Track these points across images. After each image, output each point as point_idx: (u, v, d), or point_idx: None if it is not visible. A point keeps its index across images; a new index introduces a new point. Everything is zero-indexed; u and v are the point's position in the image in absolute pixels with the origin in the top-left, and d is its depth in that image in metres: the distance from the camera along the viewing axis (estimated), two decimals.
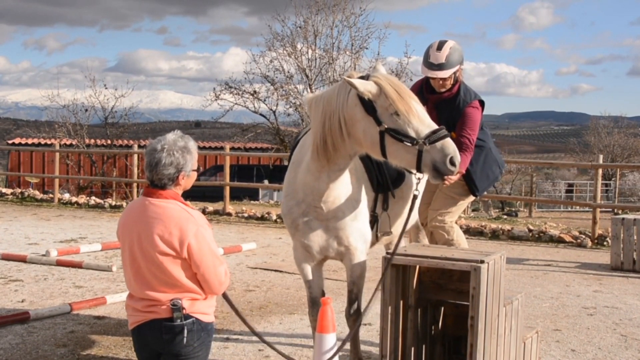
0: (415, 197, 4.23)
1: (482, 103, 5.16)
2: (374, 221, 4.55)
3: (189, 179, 3.38)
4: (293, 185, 4.38)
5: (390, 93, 3.83)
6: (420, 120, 3.84)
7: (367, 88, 3.85)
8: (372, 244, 4.66)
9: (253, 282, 7.95)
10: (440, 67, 4.94)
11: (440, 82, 5.02)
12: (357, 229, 4.34)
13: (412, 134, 3.81)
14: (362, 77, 3.95)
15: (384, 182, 4.50)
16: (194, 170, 3.38)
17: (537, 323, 6.12)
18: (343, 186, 4.23)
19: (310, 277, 4.55)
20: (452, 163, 3.80)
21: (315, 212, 4.28)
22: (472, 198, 5.37)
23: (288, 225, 4.49)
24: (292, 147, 4.70)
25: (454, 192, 5.17)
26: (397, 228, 4.87)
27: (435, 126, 3.86)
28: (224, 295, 3.61)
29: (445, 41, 5.00)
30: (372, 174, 4.46)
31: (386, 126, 3.83)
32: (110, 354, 5.23)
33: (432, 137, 3.79)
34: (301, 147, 4.41)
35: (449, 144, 3.81)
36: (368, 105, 3.86)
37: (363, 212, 4.40)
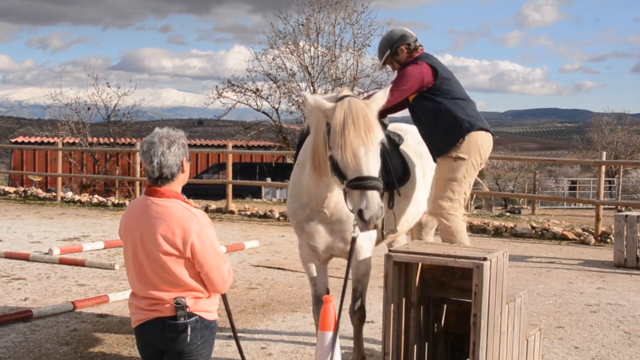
0: (354, 239, 3.94)
1: (433, 68, 4.88)
2: None
3: (187, 165, 3.38)
4: (298, 187, 4.39)
5: (336, 123, 3.71)
6: (351, 161, 3.66)
7: (322, 109, 3.80)
8: (378, 241, 4.66)
9: (256, 280, 7.95)
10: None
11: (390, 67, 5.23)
12: None
13: (342, 171, 3.71)
14: (341, 98, 3.85)
15: (389, 180, 4.49)
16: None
17: (540, 320, 6.11)
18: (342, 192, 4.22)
19: (315, 274, 4.56)
20: (361, 217, 3.62)
21: (319, 215, 4.31)
22: (463, 171, 4.92)
23: (294, 226, 4.53)
24: (297, 146, 4.69)
25: (441, 176, 4.98)
26: (402, 226, 4.85)
27: (365, 173, 3.64)
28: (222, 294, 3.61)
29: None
30: None
31: (330, 153, 3.80)
32: (113, 352, 5.24)
33: (354, 183, 3.65)
34: (306, 147, 4.40)
35: (365, 198, 3.60)
36: (327, 126, 3.83)
37: None
